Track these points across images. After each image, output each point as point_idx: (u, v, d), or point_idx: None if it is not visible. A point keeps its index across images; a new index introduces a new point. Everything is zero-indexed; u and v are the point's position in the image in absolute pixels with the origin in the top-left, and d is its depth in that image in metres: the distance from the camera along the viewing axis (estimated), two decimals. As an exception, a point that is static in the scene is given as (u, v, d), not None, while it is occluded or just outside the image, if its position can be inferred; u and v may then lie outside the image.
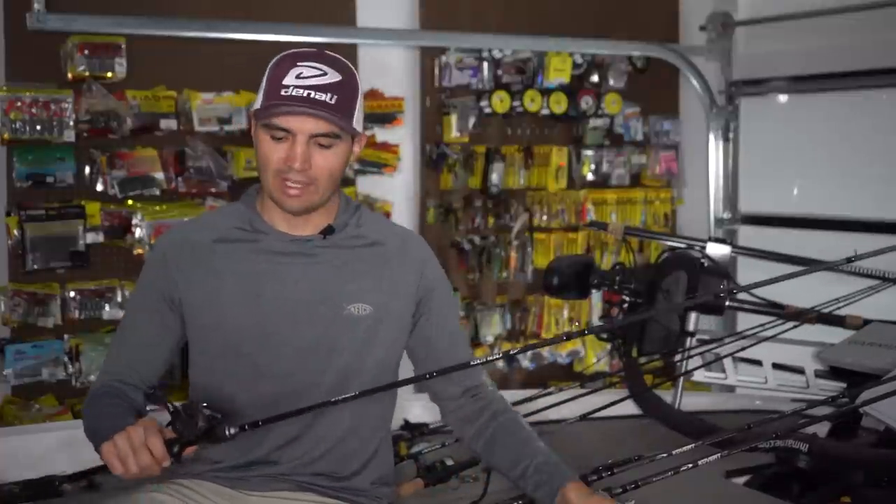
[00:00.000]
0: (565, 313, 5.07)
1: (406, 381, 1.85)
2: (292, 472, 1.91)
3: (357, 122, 1.86)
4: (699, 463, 1.96)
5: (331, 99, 1.80)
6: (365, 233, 1.97)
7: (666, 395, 3.18)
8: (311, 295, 1.89)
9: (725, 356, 3.20)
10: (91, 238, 3.89)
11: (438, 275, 2.05)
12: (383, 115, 4.54)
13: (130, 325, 1.96)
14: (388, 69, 4.64)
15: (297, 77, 1.80)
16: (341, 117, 1.81)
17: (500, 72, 4.81)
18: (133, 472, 1.61)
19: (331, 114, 1.80)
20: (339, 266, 1.92)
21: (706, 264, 3.07)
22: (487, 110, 4.80)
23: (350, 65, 1.88)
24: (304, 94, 1.78)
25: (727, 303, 3.09)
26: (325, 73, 1.81)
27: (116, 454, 1.61)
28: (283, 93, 1.79)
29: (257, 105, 1.84)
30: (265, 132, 1.83)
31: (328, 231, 1.93)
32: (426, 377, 1.92)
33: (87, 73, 3.82)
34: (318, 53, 1.86)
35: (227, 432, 1.65)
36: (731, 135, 5.17)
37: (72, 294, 3.88)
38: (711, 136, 5.11)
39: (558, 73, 4.89)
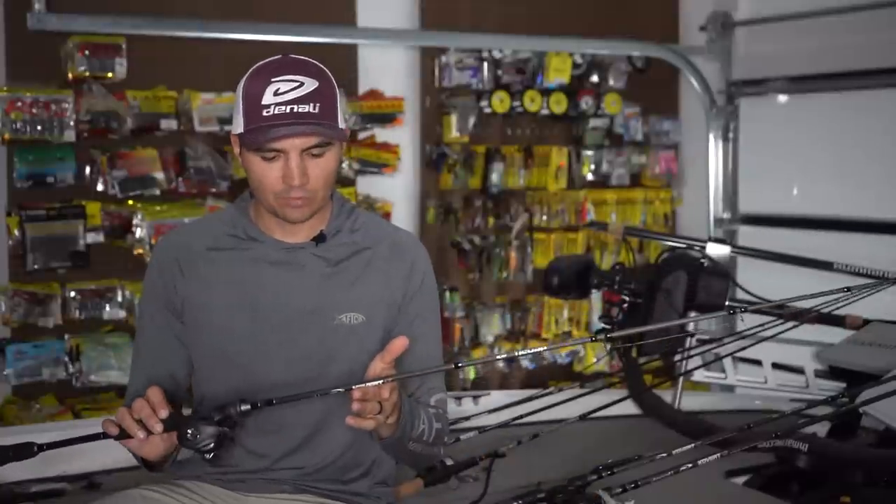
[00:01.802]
0: (565, 313, 5.07)
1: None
2: (292, 479, 1.90)
3: (341, 121, 1.83)
4: (699, 463, 1.96)
5: (314, 108, 1.75)
6: (358, 238, 1.93)
7: (666, 395, 3.19)
8: (303, 305, 1.87)
9: (725, 356, 3.21)
10: (91, 238, 3.89)
11: (424, 282, 1.96)
12: (383, 115, 4.54)
13: (143, 341, 1.96)
14: (388, 69, 4.63)
15: (276, 94, 1.75)
16: (328, 125, 1.78)
17: (500, 72, 4.81)
18: (139, 415, 1.63)
19: (318, 124, 1.76)
20: (330, 275, 1.89)
21: (706, 264, 3.08)
22: (487, 110, 4.80)
23: (320, 65, 1.83)
24: (288, 111, 1.74)
25: (726, 302, 3.09)
26: (301, 84, 1.76)
27: (127, 412, 1.64)
28: (265, 113, 1.74)
29: (239, 129, 1.79)
30: (254, 154, 1.79)
31: (320, 238, 1.90)
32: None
33: (87, 74, 3.82)
34: (288, 63, 1.80)
35: (237, 408, 1.65)
36: (731, 135, 5.17)
37: (72, 294, 3.88)
38: (711, 136, 5.11)
39: (558, 74, 4.89)
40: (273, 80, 1.76)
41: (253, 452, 1.89)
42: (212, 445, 1.63)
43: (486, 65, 4.76)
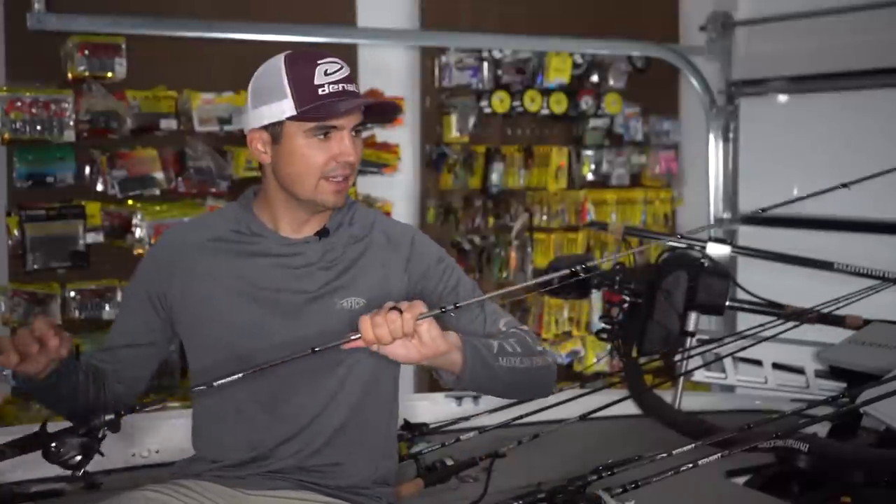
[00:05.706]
0: (565, 313, 5.07)
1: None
2: (291, 470, 1.90)
3: None
4: (699, 463, 1.96)
5: (357, 88, 1.87)
6: (356, 231, 1.96)
7: (666, 395, 3.18)
8: (305, 296, 1.89)
9: (725, 356, 3.21)
10: (91, 238, 3.89)
11: (427, 250, 1.99)
12: (383, 115, 4.54)
13: (118, 322, 2.01)
14: (388, 69, 4.64)
15: (326, 74, 1.82)
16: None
17: (500, 72, 4.81)
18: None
19: (368, 100, 1.86)
20: (332, 266, 1.92)
21: (706, 264, 3.07)
22: (487, 110, 4.80)
23: None
24: (340, 89, 1.82)
25: (727, 302, 3.09)
26: (342, 67, 1.86)
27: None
28: (321, 92, 1.81)
29: (290, 112, 1.82)
30: (307, 135, 1.83)
31: (323, 233, 1.93)
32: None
33: (87, 74, 3.82)
34: (319, 51, 1.88)
35: (101, 418, 1.64)
36: (731, 135, 5.17)
37: (72, 294, 3.88)
38: (711, 136, 5.11)
39: (558, 73, 4.89)
40: (319, 62, 1.84)
41: (249, 441, 1.90)
42: (78, 458, 1.63)
43: (486, 65, 4.76)
